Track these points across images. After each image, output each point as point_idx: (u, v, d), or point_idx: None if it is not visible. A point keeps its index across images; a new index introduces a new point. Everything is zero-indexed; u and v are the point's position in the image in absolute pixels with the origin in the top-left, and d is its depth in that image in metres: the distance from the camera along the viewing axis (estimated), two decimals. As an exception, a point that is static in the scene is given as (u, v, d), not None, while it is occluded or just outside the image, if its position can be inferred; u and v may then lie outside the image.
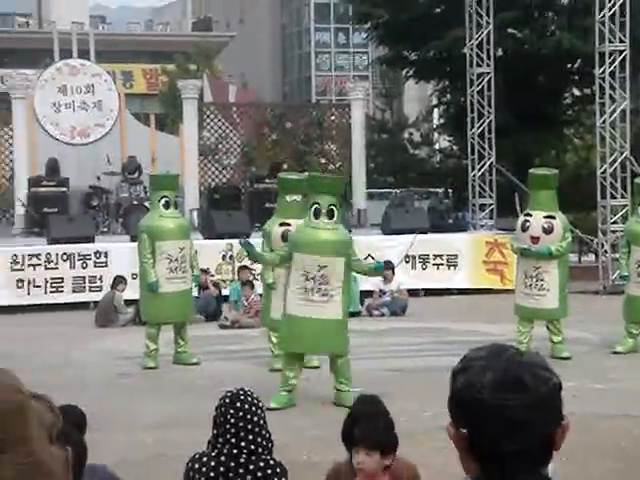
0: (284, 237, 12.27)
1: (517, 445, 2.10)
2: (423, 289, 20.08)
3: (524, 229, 13.21)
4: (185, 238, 13.09)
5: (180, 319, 13.01)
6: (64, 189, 21.93)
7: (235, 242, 19.64)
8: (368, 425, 4.79)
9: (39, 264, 18.65)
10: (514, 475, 2.11)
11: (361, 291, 18.09)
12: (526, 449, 2.11)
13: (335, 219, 10.55)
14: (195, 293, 16.15)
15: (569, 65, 29.50)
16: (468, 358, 2.19)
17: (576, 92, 31.19)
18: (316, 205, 10.49)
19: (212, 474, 4.84)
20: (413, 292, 19.04)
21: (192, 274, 13.31)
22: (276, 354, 12.52)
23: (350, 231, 20.66)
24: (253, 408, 4.90)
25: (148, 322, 13.14)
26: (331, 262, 10.37)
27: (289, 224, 12.41)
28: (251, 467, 4.82)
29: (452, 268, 20.67)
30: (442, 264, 20.65)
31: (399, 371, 12.37)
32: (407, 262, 20.16)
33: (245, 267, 18.33)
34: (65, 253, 18.79)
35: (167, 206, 12.91)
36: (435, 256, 20.57)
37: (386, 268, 18.38)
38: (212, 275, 18.52)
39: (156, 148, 23.84)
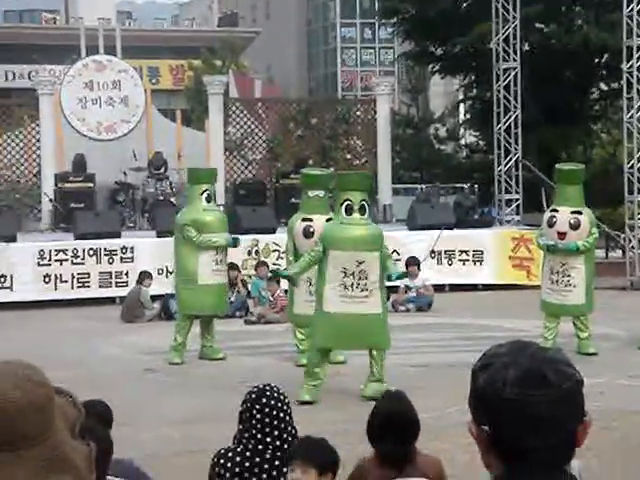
0: (305, 233, 12.30)
1: (540, 441, 2.09)
2: (449, 285, 20.03)
3: (550, 225, 13.15)
4: (225, 231, 13.36)
5: (218, 311, 13.34)
6: (91, 185, 22.01)
7: (260, 237, 19.69)
8: (310, 444, 4.76)
9: (66, 259, 18.74)
10: (536, 472, 2.10)
11: (386, 287, 18.04)
12: (549, 446, 2.10)
13: (367, 215, 10.73)
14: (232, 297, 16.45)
15: (596, 60, 29.34)
16: (489, 355, 2.18)
17: (603, 87, 31.02)
18: (348, 202, 10.63)
19: (237, 469, 4.86)
20: (439, 288, 19.00)
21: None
22: (302, 349, 12.54)
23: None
24: (279, 404, 4.91)
25: (183, 313, 13.16)
26: (368, 257, 10.50)
27: (311, 219, 12.43)
28: (277, 463, 4.83)
29: (478, 264, 20.61)
30: (468, 260, 20.60)
31: (424, 367, 12.35)
32: (432, 258, 20.12)
33: (263, 263, 18.34)
34: (92, 248, 18.86)
35: (209, 199, 13.11)
36: (461, 252, 20.52)
37: (412, 264, 18.47)
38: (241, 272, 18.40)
39: (182, 144, 23.88)
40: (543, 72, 26.76)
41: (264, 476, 4.82)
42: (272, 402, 4.89)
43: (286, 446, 4.88)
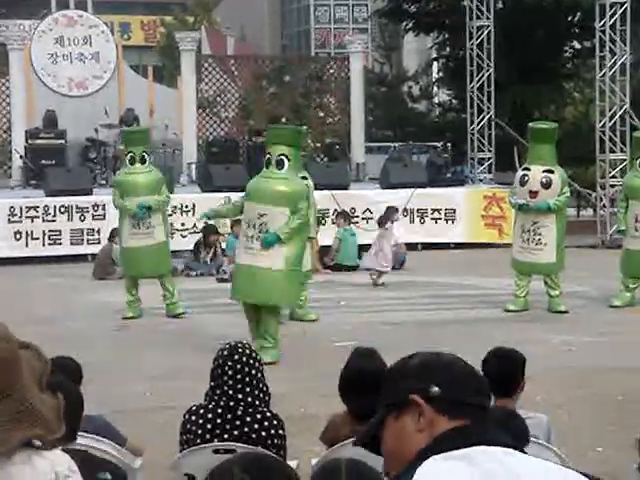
0: None
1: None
2: (421, 243, 20.08)
3: (522, 183, 13.18)
4: (150, 194, 12.87)
5: (149, 274, 12.99)
6: (62, 141, 21.84)
7: (232, 195, 19.61)
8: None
9: (37, 216, 18.63)
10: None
11: (360, 245, 18.09)
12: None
13: (285, 169, 10.37)
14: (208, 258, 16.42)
15: (569, 18, 29.27)
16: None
17: (576, 45, 30.97)
18: (268, 155, 10.48)
19: (209, 426, 4.86)
20: (411, 246, 19.03)
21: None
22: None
23: (348, 185, 20.73)
24: (251, 361, 4.91)
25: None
26: (272, 212, 10.25)
27: None
28: (248, 419, 4.84)
29: (450, 222, 20.66)
30: (440, 218, 20.64)
31: (396, 324, 12.40)
32: (405, 216, 20.13)
33: (239, 220, 18.26)
34: (63, 205, 18.75)
35: (132, 162, 12.96)
36: (433, 210, 20.55)
37: (385, 221, 18.46)
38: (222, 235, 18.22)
39: (154, 100, 23.70)
40: (516, 30, 26.68)
41: (235, 433, 4.82)
42: (244, 359, 4.89)
43: (257, 403, 4.89)
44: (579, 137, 26.09)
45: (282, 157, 10.35)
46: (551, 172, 13.07)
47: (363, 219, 19.90)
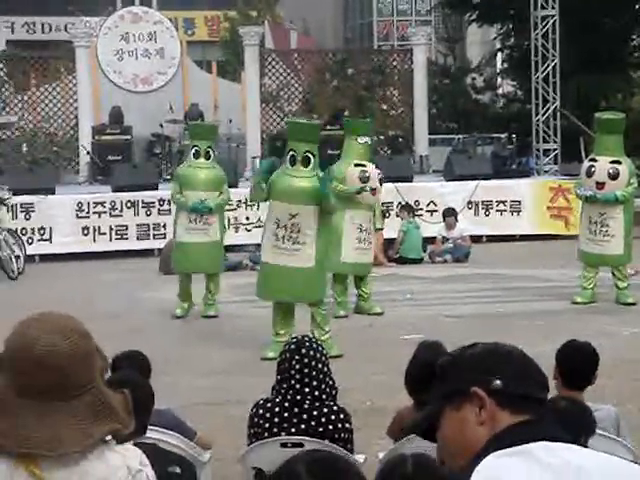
0: (362, 178, 12.37)
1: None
2: (486, 235, 19.96)
3: (589, 174, 13.03)
4: (210, 190, 12.79)
5: (194, 270, 12.82)
6: (128, 137, 22.05)
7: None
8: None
9: (104, 212, 18.83)
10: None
11: (424, 238, 18.04)
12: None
13: (311, 166, 10.25)
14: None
15: (637, 6, 28.90)
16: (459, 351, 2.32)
17: (643, 34, 30.57)
18: (292, 152, 10.28)
19: (276, 419, 4.89)
20: (476, 238, 18.93)
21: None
22: (339, 301, 12.57)
23: (412, 177, 20.67)
24: (317, 355, 4.93)
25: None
26: (303, 211, 10.17)
27: (364, 165, 12.52)
28: (315, 413, 4.86)
29: (515, 214, 20.50)
30: (505, 210, 20.49)
31: (461, 317, 12.35)
32: (470, 209, 20.04)
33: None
34: (129, 201, 18.94)
35: (197, 155, 12.84)
36: (498, 202, 20.40)
37: (449, 215, 18.43)
38: None
39: (218, 95, 23.83)
40: (581, 19, 26.39)
41: (302, 426, 4.84)
42: (311, 352, 4.91)
43: (324, 397, 4.90)
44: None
45: (308, 154, 10.23)
46: (618, 163, 12.91)
47: (427, 212, 19.83)
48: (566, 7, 23.80)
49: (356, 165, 12.52)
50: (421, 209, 19.70)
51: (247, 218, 19.39)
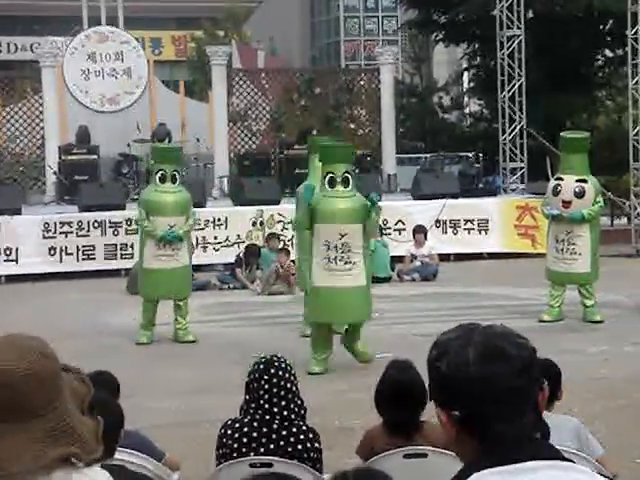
0: None
1: (509, 415, 2.14)
2: (454, 254, 20.02)
3: (555, 193, 13.11)
4: (182, 214, 12.56)
5: (169, 297, 12.54)
6: (95, 157, 21.98)
7: (265, 208, 19.65)
8: None
9: (71, 232, 18.73)
10: (509, 445, 2.13)
11: (392, 256, 18.07)
12: (519, 416, 2.15)
13: (350, 186, 10.53)
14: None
15: (601, 26, 29.17)
16: (441, 343, 2.23)
17: (608, 53, 30.86)
18: (331, 174, 10.48)
19: (245, 440, 4.86)
20: (444, 257, 18.98)
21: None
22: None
23: (380, 196, 20.69)
24: (286, 375, 4.91)
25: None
26: (351, 229, 10.43)
27: None
28: (284, 433, 4.84)
29: (483, 232, 20.58)
30: (473, 229, 20.57)
31: (430, 336, 12.31)
32: (438, 227, 20.10)
33: (274, 234, 18.35)
34: (96, 220, 18.85)
35: (163, 180, 12.43)
36: (466, 221, 20.49)
37: (419, 232, 18.47)
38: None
39: (186, 115, 23.82)
40: (547, 39, 26.62)
41: (271, 446, 4.82)
42: (280, 372, 4.89)
43: (293, 416, 4.89)
44: (612, 146, 25.99)
45: (347, 175, 10.52)
46: (584, 181, 13.00)
47: (395, 230, 19.87)
48: (531, 27, 24.03)
49: None
50: (389, 228, 19.75)
51: (215, 237, 19.37)
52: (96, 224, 18.83)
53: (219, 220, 19.49)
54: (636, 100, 21.23)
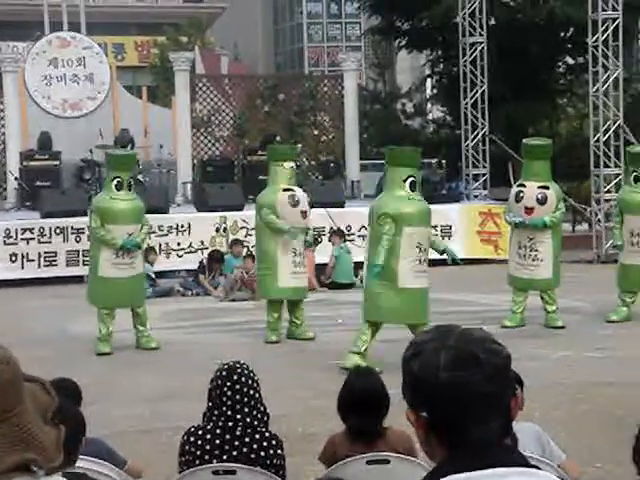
0: (292, 202, 12.39)
1: (477, 421, 2.13)
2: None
3: (518, 200, 13.19)
4: (137, 222, 12.39)
5: (128, 305, 12.40)
6: (56, 163, 21.84)
7: (228, 214, 19.63)
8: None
9: (32, 238, 18.62)
10: (477, 451, 2.13)
11: (355, 262, 18.09)
12: (486, 423, 2.14)
13: (417, 190, 10.80)
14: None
15: (562, 34, 29.40)
16: (417, 342, 2.23)
17: (569, 61, 31.10)
18: (412, 178, 10.67)
19: (207, 447, 4.85)
20: (407, 263, 19.01)
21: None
22: (272, 326, 12.53)
23: (343, 202, 20.75)
24: (250, 381, 4.90)
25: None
26: (425, 232, 10.79)
27: (293, 189, 12.55)
28: (246, 440, 4.83)
29: (446, 238, 20.64)
30: (436, 234, 20.63)
31: (393, 342, 12.36)
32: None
33: (238, 240, 18.34)
34: (58, 227, 18.75)
35: (119, 187, 12.24)
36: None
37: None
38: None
39: (148, 121, 23.74)
40: (509, 46, 26.79)
41: (234, 453, 4.81)
42: (242, 379, 4.88)
43: (256, 423, 4.88)
44: (573, 152, 26.19)
45: (414, 179, 10.70)
46: (546, 188, 13.09)
47: (359, 236, 19.90)
48: (494, 34, 24.17)
49: (284, 190, 12.53)
50: (353, 234, 19.79)
51: (178, 244, 19.32)
52: (58, 230, 18.72)
53: (182, 226, 19.44)
54: (596, 107, 21.41)
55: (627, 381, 9.80)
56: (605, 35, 21.02)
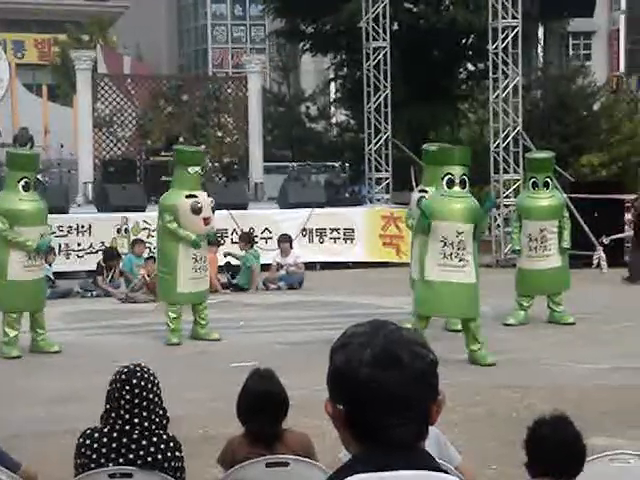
0: (194, 209, 12.24)
1: (393, 421, 2.13)
2: (320, 263, 20.15)
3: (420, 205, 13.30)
4: (44, 224, 12.14)
5: (31, 309, 12.03)
6: (-47, 161, 21.41)
7: (130, 215, 19.44)
8: None
9: None
10: (390, 451, 2.14)
11: (261, 264, 18.07)
12: (402, 425, 2.15)
13: (467, 188, 11.14)
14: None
15: (464, 40, 29.79)
16: (347, 334, 2.21)
17: (470, 67, 31.52)
18: (449, 175, 11.04)
19: (104, 450, 4.80)
20: (310, 265, 19.10)
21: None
22: (173, 328, 12.45)
23: (246, 204, 20.72)
24: (149, 385, 4.86)
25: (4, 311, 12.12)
26: (466, 229, 10.97)
27: (196, 195, 12.39)
28: (144, 443, 4.80)
29: (349, 242, 20.79)
30: (339, 238, 20.76)
31: (294, 344, 12.41)
32: (304, 236, 20.21)
33: (141, 240, 18.16)
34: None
35: (27, 188, 11.86)
36: (332, 230, 20.66)
37: (284, 241, 18.52)
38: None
39: (49, 120, 23.42)
40: (412, 52, 27.06)
41: (131, 456, 4.77)
42: (142, 383, 4.84)
43: (154, 427, 4.85)
44: (473, 158, 26.42)
45: (464, 177, 11.09)
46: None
47: (262, 239, 19.91)
48: (397, 40, 24.38)
49: (187, 197, 12.39)
50: (256, 236, 19.77)
51: (79, 244, 19.08)
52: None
53: (83, 227, 19.21)
54: (496, 113, 21.74)
55: (523, 384, 9.97)
56: (505, 42, 21.37)
